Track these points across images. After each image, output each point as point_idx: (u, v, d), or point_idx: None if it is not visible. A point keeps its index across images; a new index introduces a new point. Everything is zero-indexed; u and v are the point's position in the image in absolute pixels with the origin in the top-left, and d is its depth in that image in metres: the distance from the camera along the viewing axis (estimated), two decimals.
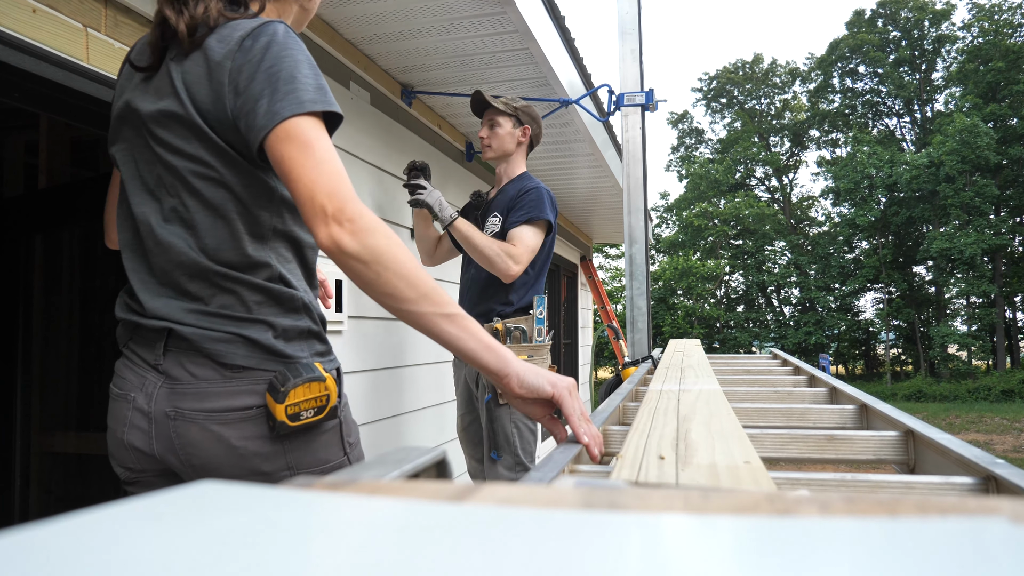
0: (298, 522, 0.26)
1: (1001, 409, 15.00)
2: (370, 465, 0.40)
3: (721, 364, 2.39)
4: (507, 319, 2.34)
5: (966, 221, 20.88)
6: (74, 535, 0.23)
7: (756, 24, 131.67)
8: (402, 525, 0.26)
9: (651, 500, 0.29)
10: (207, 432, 1.01)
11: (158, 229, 1.01)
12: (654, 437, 0.84)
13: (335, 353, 1.14)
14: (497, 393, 2.30)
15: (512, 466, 2.32)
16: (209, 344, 1.00)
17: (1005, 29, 22.75)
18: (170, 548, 0.22)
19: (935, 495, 0.73)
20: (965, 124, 19.94)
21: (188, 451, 1.01)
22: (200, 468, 1.03)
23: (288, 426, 1.00)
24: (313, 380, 1.02)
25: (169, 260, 1.01)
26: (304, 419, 1.01)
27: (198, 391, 1.01)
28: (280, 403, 0.99)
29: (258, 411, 1.02)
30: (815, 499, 0.28)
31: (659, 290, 23.62)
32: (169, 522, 0.25)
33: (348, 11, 2.23)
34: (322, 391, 1.04)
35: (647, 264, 3.09)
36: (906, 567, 0.21)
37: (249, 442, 1.01)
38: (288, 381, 1.00)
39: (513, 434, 2.32)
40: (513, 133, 2.44)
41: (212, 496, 0.28)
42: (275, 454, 1.03)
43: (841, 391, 1.47)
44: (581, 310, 7.40)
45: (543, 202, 2.33)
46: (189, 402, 1.01)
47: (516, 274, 2.28)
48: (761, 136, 28.27)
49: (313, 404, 1.03)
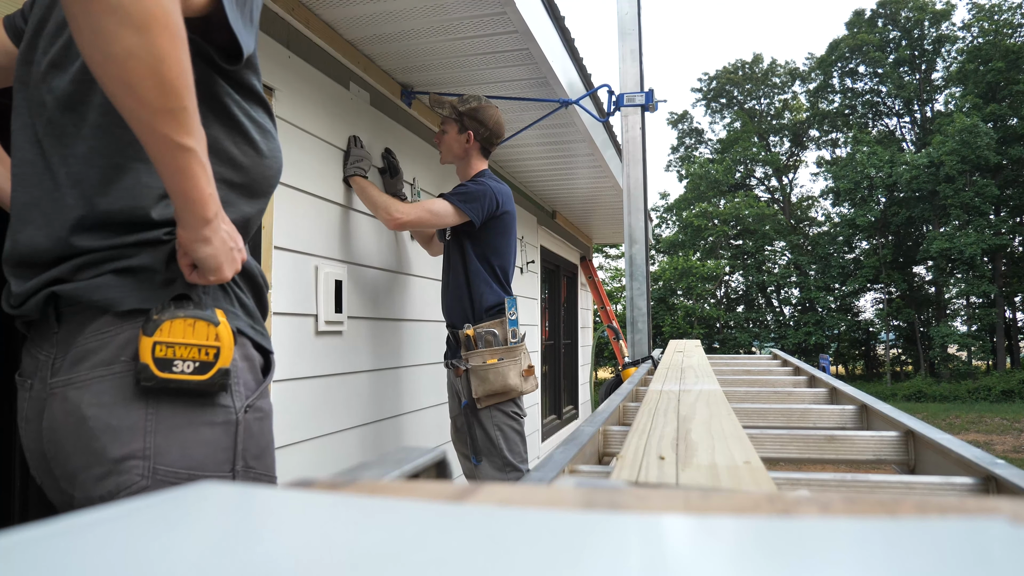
0: (296, 522, 0.26)
1: (1001, 409, 15.00)
2: (370, 465, 0.40)
3: (721, 364, 2.39)
4: (479, 324, 2.36)
5: (966, 221, 20.87)
6: (73, 536, 0.23)
7: (756, 24, 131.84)
8: (402, 525, 0.26)
9: (651, 500, 0.29)
10: (64, 403, 0.81)
11: None
12: (654, 437, 0.84)
13: (268, 334, 0.96)
14: (473, 398, 2.31)
15: (501, 467, 2.33)
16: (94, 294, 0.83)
17: (1005, 29, 22.75)
18: (168, 549, 0.22)
19: (935, 495, 0.73)
20: (965, 124, 19.94)
21: (47, 437, 0.83)
22: (50, 458, 0.84)
23: (153, 374, 0.78)
24: (201, 319, 0.81)
25: None
26: (178, 372, 0.79)
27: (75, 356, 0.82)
28: (149, 335, 0.78)
29: (123, 366, 0.80)
30: (815, 499, 0.28)
31: (659, 290, 23.62)
32: (168, 523, 0.25)
33: (348, 12, 2.23)
34: (211, 339, 0.81)
35: (647, 264, 3.08)
36: (906, 567, 0.21)
37: (104, 410, 0.79)
38: (166, 311, 0.80)
39: (497, 437, 2.33)
40: (459, 139, 2.47)
41: (210, 496, 0.28)
42: (132, 433, 0.79)
43: (841, 391, 1.47)
44: (581, 310, 7.40)
45: (474, 193, 2.37)
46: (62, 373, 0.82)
47: (397, 221, 2.30)
48: (761, 136, 28.26)
49: (194, 354, 0.80)
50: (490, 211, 2.39)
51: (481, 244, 2.42)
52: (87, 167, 0.87)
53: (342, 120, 2.42)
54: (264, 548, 0.22)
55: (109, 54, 0.69)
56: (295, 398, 2.09)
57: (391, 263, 2.79)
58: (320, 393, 2.23)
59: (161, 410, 0.81)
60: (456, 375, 2.42)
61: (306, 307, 2.17)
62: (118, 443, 0.79)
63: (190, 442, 0.82)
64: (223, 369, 0.82)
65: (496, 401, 2.33)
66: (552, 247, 5.92)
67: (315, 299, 2.21)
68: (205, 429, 0.83)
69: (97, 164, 0.87)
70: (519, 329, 2.40)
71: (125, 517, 0.25)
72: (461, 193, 2.38)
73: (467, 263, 2.41)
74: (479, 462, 2.35)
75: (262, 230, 1.96)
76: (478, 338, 2.34)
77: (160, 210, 0.88)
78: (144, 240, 0.86)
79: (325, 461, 2.23)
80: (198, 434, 0.83)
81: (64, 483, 0.83)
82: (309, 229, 2.20)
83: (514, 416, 2.38)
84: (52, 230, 0.87)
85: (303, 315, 2.15)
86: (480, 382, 2.31)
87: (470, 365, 2.32)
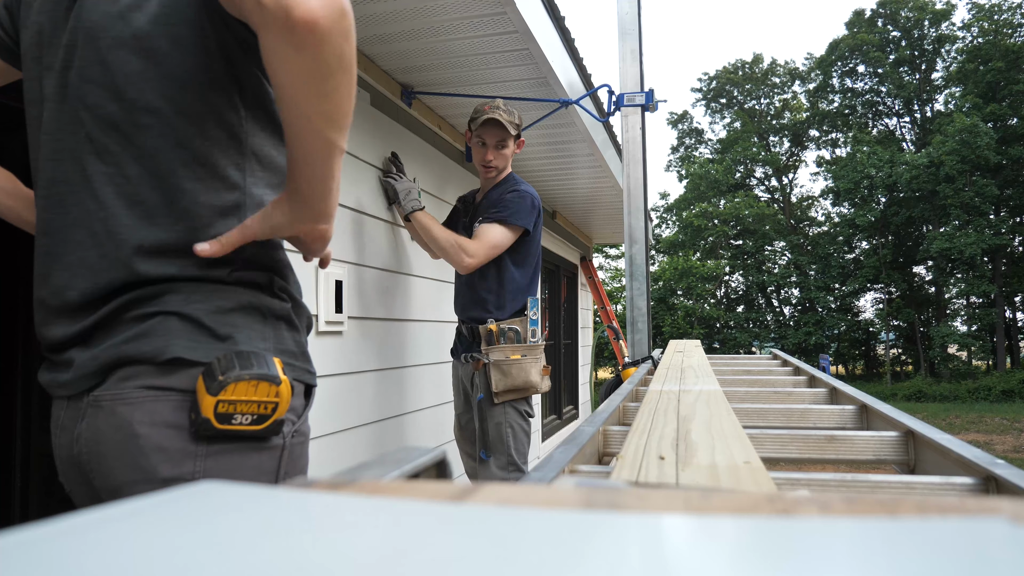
0: (298, 522, 0.26)
1: (1001, 409, 15.00)
2: (370, 465, 0.40)
3: (721, 364, 2.39)
4: (501, 321, 2.36)
5: (966, 221, 20.88)
6: (74, 536, 0.23)
7: (756, 24, 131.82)
8: (402, 526, 0.26)
9: (651, 500, 0.29)
10: (111, 417, 0.81)
11: None
12: (654, 437, 0.84)
13: (313, 365, 0.96)
14: (492, 392, 2.31)
15: (505, 466, 2.33)
16: None
17: (1005, 29, 22.76)
18: (170, 549, 0.22)
19: (935, 495, 0.73)
20: (965, 124, 19.95)
21: (86, 448, 0.83)
22: (88, 469, 0.84)
23: (213, 427, 0.80)
24: (264, 380, 0.81)
25: None
26: (236, 424, 0.81)
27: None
28: (213, 395, 0.79)
29: (181, 396, 0.82)
30: (815, 499, 0.28)
31: (659, 290, 23.63)
32: (169, 522, 0.25)
33: None
34: (271, 396, 0.82)
35: (647, 264, 3.09)
36: (906, 568, 0.21)
37: (156, 431, 0.80)
38: (232, 371, 0.80)
39: (507, 434, 2.33)
40: (513, 150, 2.50)
41: (212, 496, 0.28)
42: (184, 456, 0.81)
43: (841, 391, 1.47)
44: (581, 310, 7.39)
45: (521, 206, 2.38)
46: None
47: (470, 266, 2.32)
48: (761, 136, 28.27)
49: (254, 409, 0.82)
50: (535, 214, 2.43)
51: (516, 243, 2.44)
52: (143, 188, 0.86)
53: None
54: (264, 548, 0.22)
55: (323, 92, 0.77)
56: None
57: (391, 263, 2.78)
58: (320, 394, 2.22)
59: (215, 445, 0.83)
60: (475, 368, 2.42)
61: None
62: (169, 464, 0.81)
63: (238, 466, 0.84)
64: (279, 420, 0.84)
65: (513, 397, 2.34)
66: (552, 247, 5.92)
67: (315, 299, 2.21)
68: (254, 454, 0.86)
69: (154, 185, 0.86)
70: (537, 329, 2.42)
71: (128, 517, 0.25)
72: (510, 212, 2.37)
73: (501, 261, 2.42)
74: (488, 457, 2.36)
75: None
76: (501, 333, 2.35)
77: (218, 227, 0.87)
78: (206, 277, 0.87)
79: (325, 461, 2.23)
80: (247, 459, 0.85)
81: (106, 495, 0.84)
82: None
83: (525, 415, 2.39)
84: (106, 251, 0.85)
85: None
86: (502, 376, 2.31)
87: (491, 359, 2.33)
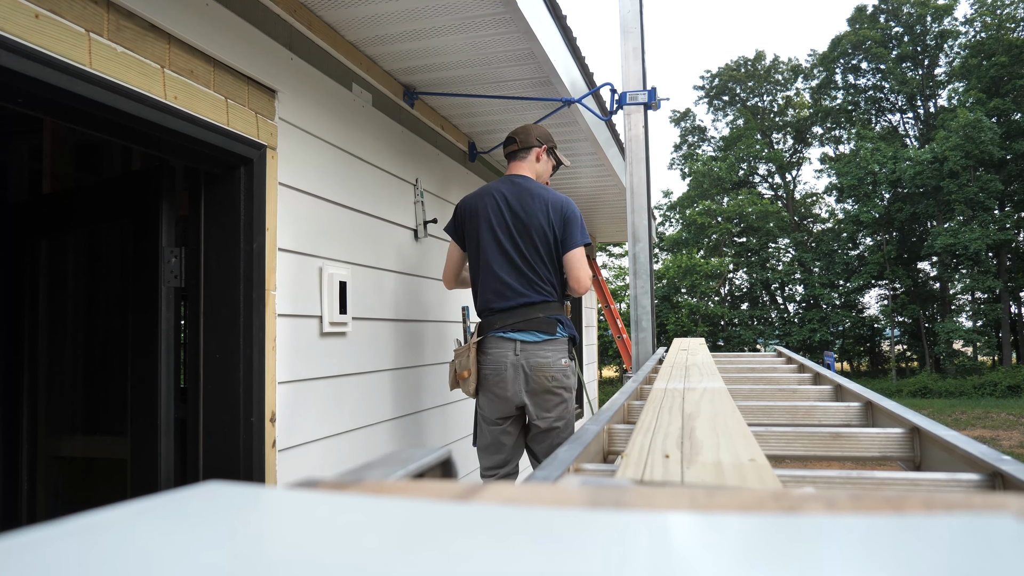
0: (304, 522, 0.26)
1: (1007, 405, 14.95)
2: (375, 465, 0.40)
3: (726, 362, 2.38)
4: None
5: (970, 216, 20.81)
6: (82, 536, 0.23)
7: (758, 21, 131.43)
8: (408, 525, 0.26)
9: (657, 498, 0.29)
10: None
11: None
12: (659, 435, 0.84)
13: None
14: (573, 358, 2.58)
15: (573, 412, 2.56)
16: None
17: (1008, 24, 22.67)
18: (177, 548, 0.22)
19: (941, 492, 0.73)
20: (968, 119, 19.87)
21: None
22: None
23: None
24: None
25: None
26: None
27: None
28: None
29: None
30: (821, 497, 0.28)
31: (663, 288, 23.60)
32: (176, 522, 0.25)
33: (350, 13, 2.24)
34: None
35: (651, 262, 3.08)
36: (913, 564, 0.21)
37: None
38: None
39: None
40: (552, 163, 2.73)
41: (218, 497, 0.29)
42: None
43: (846, 388, 1.46)
44: (585, 309, 7.39)
45: (583, 223, 2.61)
46: None
47: (588, 287, 2.63)
48: (764, 133, 28.21)
49: None
50: None
51: None
52: None
53: (345, 122, 2.43)
54: (271, 548, 0.22)
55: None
56: (300, 400, 2.09)
57: (395, 264, 2.79)
58: (325, 394, 2.23)
59: None
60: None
61: (310, 309, 2.17)
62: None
63: None
64: None
65: None
66: None
67: (319, 300, 2.21)
68: None
69: None
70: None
71: (136, 517, 0.25)
72: (581, 230, 2.55)
73: None
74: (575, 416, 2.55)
75: (266, 232, 1.96)
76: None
77: None
78: None
79: (331, 462, 2.24)
80: None
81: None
82: (313, 231, 2.21)
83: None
84: None
85: (307, 316, 2.15)
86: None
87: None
